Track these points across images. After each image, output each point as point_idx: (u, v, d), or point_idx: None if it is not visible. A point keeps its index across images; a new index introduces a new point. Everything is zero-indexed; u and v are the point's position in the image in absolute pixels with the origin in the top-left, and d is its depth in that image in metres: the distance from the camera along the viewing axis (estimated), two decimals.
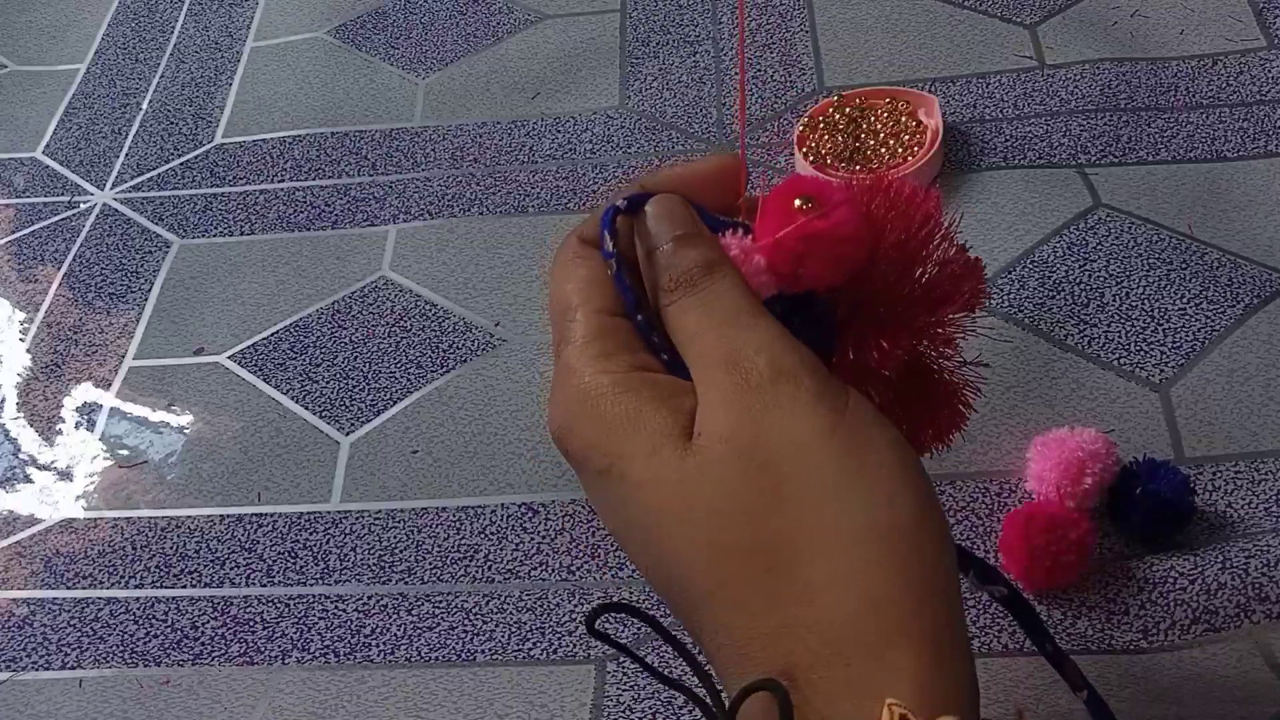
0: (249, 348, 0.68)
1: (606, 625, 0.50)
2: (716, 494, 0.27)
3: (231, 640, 0.55)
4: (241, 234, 0.74)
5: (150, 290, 0.72)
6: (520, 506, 0.58)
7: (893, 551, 0.26)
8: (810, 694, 0.25)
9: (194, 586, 0.57)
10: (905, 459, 0.28)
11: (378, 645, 0.54)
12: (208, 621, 0.56)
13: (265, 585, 0.57)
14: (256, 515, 0.60)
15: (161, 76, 0.87)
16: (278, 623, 0.55)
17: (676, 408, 0.29)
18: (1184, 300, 0.59)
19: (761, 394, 0.28)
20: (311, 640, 0.54)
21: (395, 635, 0.54)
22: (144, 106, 0.85)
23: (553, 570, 0.55)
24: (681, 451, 0.28)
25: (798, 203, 0.31)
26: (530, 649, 0.52)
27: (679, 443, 0.28)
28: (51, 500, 0.63)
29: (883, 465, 0.27)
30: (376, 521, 0.58)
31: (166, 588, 0.58)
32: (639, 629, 0.51)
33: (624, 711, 0.49)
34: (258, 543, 0.59)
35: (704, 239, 0.32)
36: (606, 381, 0.30)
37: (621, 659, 0.51)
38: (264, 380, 0.66)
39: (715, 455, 0.28)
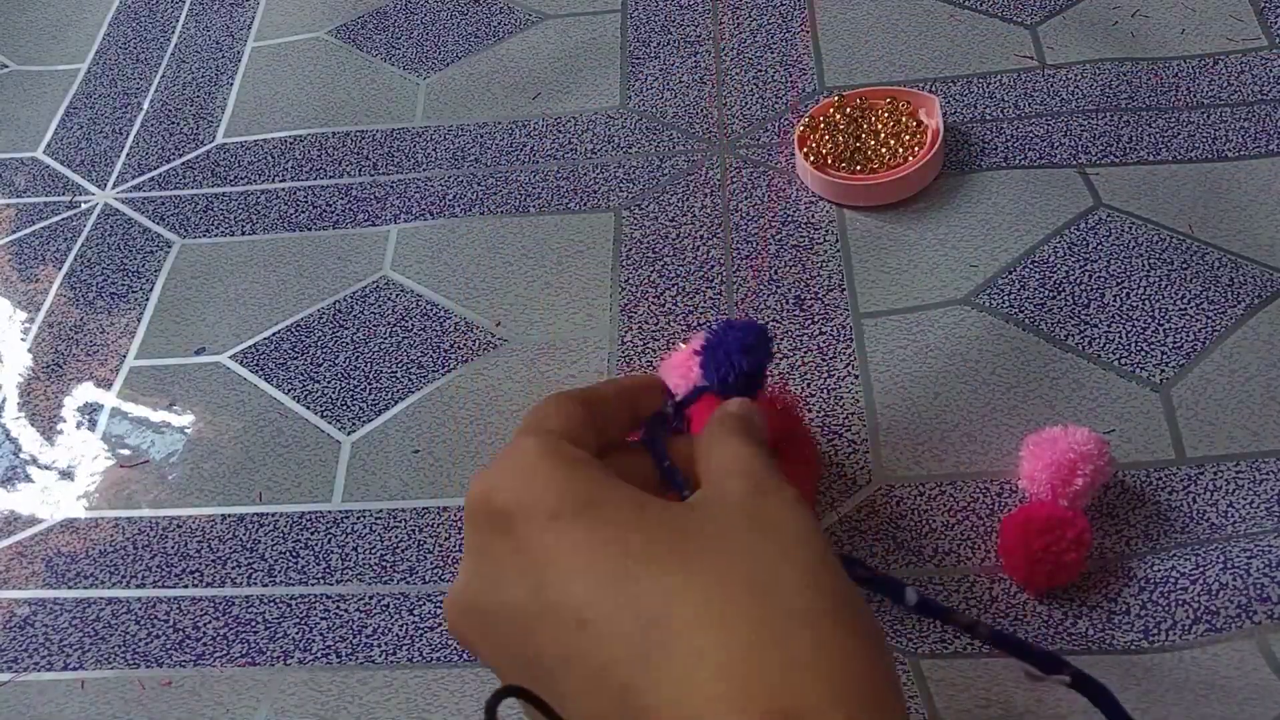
0: (250, 347, 0.68)
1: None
2: (721, 551, 0.28)
3: (234, 641, 0.55)
4: (243, 234, 0.74)
5: (151, 290, 0.72)
6: None
7: (864, 624, 0.28)
8: None
9: (196, 586, 0.57)
10: None
11: (380, 645, 0.54)
12: (209, 622, 0.56)
13: (267, 585, 0.57)
14: (258, 515, 0.60)
15: (163, 76, 0.87)
16: (279, 623, 0.55)
17: (652, 491, 0.31)
18: (1184, 300, 0.59)
19: (764, 492, 0.30)
20: (313, 640, 0.54)
21: (397, 635, 0.54)
22: (145, 106, 0.85)
23: None
24: (673, 506, 0.30)
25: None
26: None
27: (664, 503, 0.30)
28: (53, 500, 0.63)
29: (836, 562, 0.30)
30: (378, 521, 0.58)
31: (168, 588, 0.58)
32: None
33: None
34: (259, 542, 0.59)
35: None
36: (582, 454, 0.31)
37: None
38: (265, 380, 0.66)
39: (721, 509, 0.29)
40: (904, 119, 0.69)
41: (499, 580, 0.29)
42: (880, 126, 0.69)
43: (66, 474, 0.64)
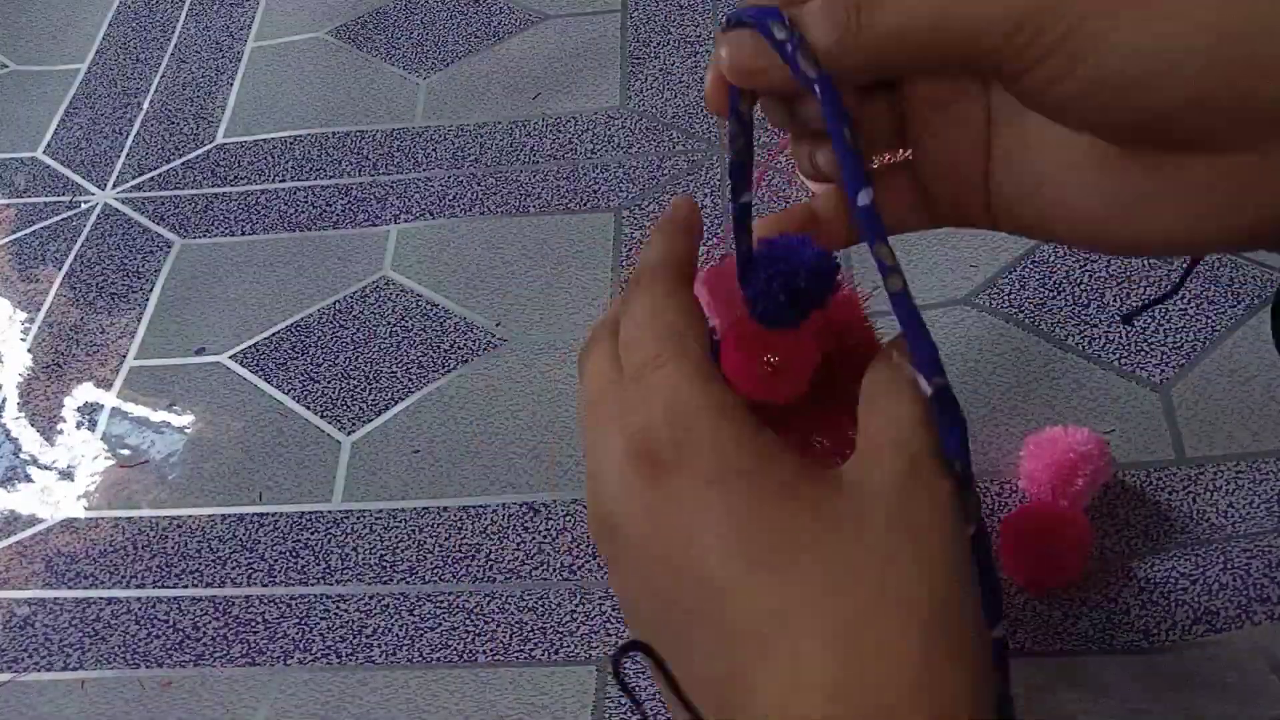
0: (250, 347, 0.68)
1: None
2: (855, 555, 0.27)
3: (233, 641, 0.55)
4: (243, 234, 0.74)
5: (151, 290, 0.72)
6: (521, 506, 0.58)
7: (978, 656, 0.28)
8: None
9: (195, 586, 0.57)
10: None
11: (380, 645, 0.54)
12: (209, 622, 0.56)
13: (267, 585, 0.57)
14: (258, 515, 0.60)
15: (162, 76, 0.87)
16: (279, 623, 0.55)
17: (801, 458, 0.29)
18: (1184, 300, 0.59)
19: (914, 484, 0.28)
20: (313, 641, 0.54)
21: (397, 635, 0.54)
22: (145, 106, 0.85)
23: (554, 570, 0.55)
24: (822, 485, 0.28)
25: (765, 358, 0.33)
26: (532, 649, 0.52)
27: (814, 479, 0.28)
28: (53, 500, 0.63)
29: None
30: (378, 521, 0.58)
31: (168, 588, 0.58)
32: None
33: (625, 712, 0.49)
34: (259, 542, 0.59)
35: None
36: (737, 401, 0.29)
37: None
38: (265, 380, 0.66)
39: (866, 498, 0.28)
40: None
41: (651, 524, 0.29)
42: None
43: (66, 474, 0.64)
